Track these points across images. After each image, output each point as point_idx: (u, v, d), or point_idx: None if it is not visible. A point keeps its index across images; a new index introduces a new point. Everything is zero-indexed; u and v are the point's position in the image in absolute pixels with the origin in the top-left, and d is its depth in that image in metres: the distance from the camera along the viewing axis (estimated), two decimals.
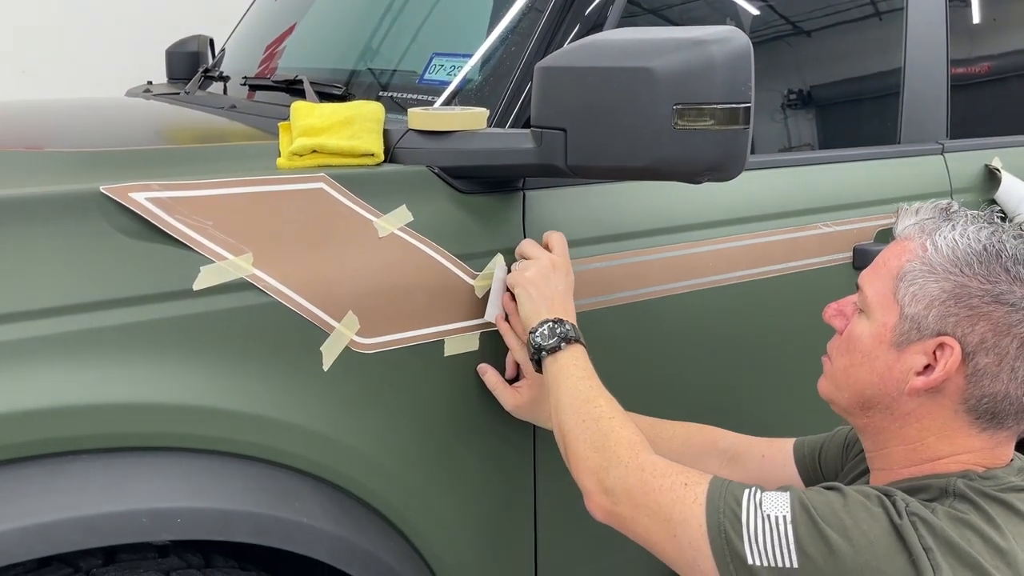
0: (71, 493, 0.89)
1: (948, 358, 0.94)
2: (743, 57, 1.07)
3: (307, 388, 1.07)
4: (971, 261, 0.94)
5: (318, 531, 1.04)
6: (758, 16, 1.60)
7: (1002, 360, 0.93)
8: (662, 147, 1.08)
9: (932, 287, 0.95)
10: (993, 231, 0.97)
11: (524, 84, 1.27)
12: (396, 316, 1.13)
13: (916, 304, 0.96)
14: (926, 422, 0.98)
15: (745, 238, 1.45)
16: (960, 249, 0.95)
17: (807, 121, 1.70)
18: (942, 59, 1.83)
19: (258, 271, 1.03)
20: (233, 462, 1.01)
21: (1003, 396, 0.94)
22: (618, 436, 1.01)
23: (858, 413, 1.03)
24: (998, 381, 0.94)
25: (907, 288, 0.97)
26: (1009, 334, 0.93)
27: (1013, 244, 0.96)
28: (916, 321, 0.96)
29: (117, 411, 0.94)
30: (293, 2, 2.01)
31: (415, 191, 1.18)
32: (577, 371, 1.10)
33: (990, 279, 0.93)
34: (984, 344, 0.93)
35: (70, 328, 0.93)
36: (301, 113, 1.27)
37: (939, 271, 0.95)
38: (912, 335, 0.96)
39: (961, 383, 0.95)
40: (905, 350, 0.97)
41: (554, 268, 1.16)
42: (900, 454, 1.00)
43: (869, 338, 1.00)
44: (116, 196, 0.98)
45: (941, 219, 1.01)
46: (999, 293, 0.93)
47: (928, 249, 0.97)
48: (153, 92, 1.97)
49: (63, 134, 1.48)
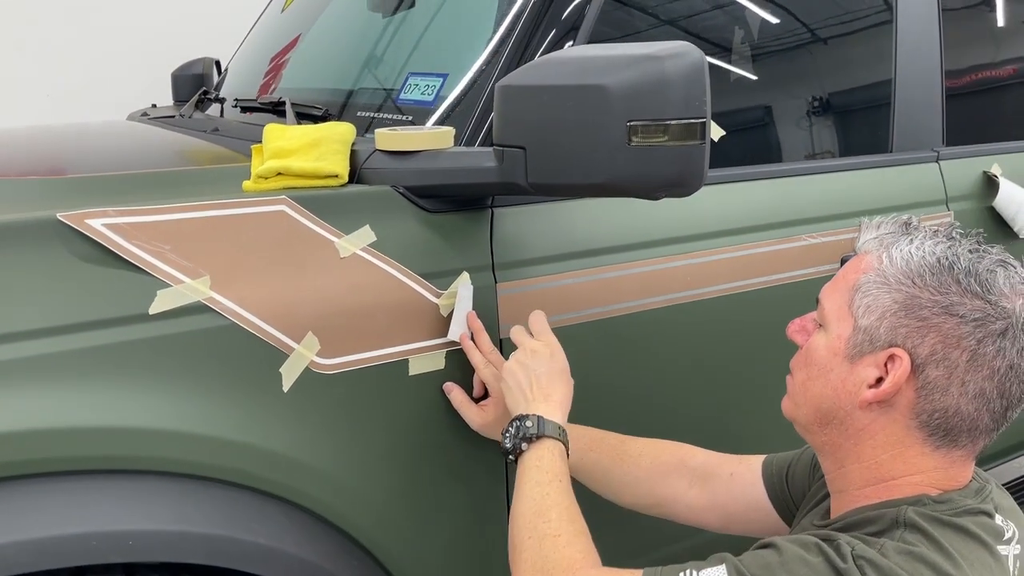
0: (24, 516, 0.91)
1: (897, 369, 0.93)
2: (697, 72, 1.06)
3: (267, 409, 1.08)
4: (923, 273, 0.93)
5: (276, 552, 1.05)
6: (745, 27, 1.59)
7: (952, 373, 0.92)
8: (617, 164, 1.07)
9: (885, 298, 0.94)
10: (949, 245, 0.96)
11: (492, 103, 1.27)
12: (358, 336, 1.14)
13: (869, 315, 0.95)
14: (880, 438, 0.96)
15: (722, 252, 1.44)
16: (914, 261, 0.95)
17: (793, 132, 1.68)
18: (936, 66, 1.80)
19: (215, 294, 1.05)
20: (191, 484, 1.03)
21: (954, 411, 0.93)
22: (559, 557, 0.98)
23: (816, 430, 1.01)
24: (948, 395, 0.92)
25: (861, 300, 0.96)
26: (959, 346, 0.91)
27: (967, 258, 0.94)
28: (869, 333, 0.95)
29: (75, 434, 0.96)
30: (290, 24, 2.04)
31: (379, 211, 1.19)
32: (537, 474, 1.06)
33: (941, 290, 0.92)
34: (934, 356, 0.92)
35: (27, 353, 0.95)
36: (272, 136, 1.29)
37: (892, 283, 0.95)
38: (865, 347, 0.95)
39: (912, 396, 0.94)
40: (858, 362, 0.96)
41: (534, 354, 1.15)
42: (856, 473, 0.98)
43: (824, 350, 0.99)
44: (72, 223, 1.00)
45: (900, 233, 1.00)
46: (949, 304, 0.92)
47: (884, 261, 0.97)
48: (150, 116, 2.00)
49: (36, 161, 1.51)
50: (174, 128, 1.77)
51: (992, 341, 0.91)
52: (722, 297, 1.44)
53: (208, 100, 1.98)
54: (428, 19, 1.57)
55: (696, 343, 1.43)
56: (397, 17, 1.63)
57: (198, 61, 2.42)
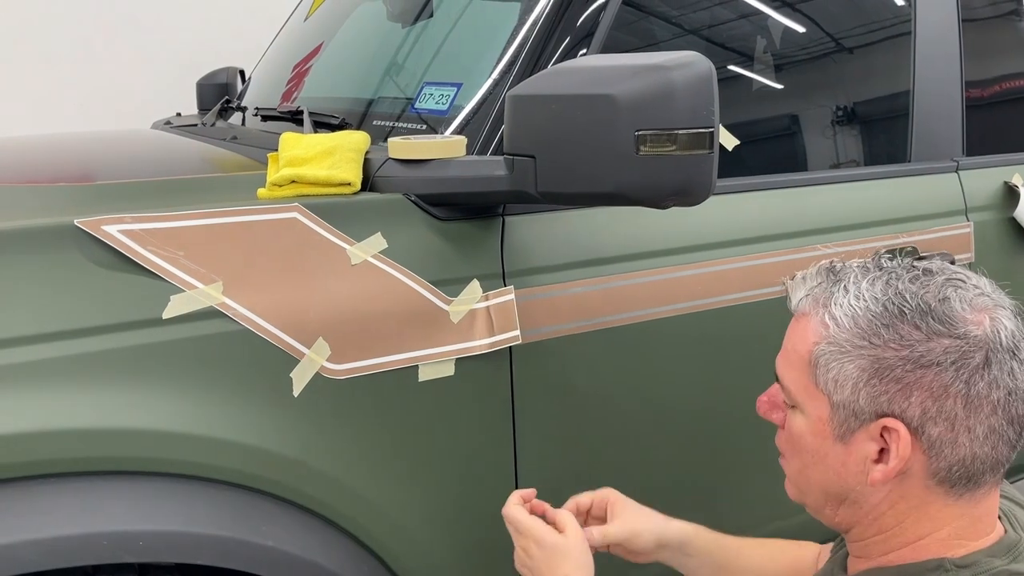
0: (36, 516, 0.93)
1: (897, 441, 0.85)
2: (705, 82, 1.06)
3: (277, 413, 1.09)
4: (877, 328, 0.85)
5: (285, 555, 1.06)
6: (759, 36, 1.59)
7: (954, 425, 0.84)
8: (626, 173, 1.08)
9: (849, 368, 0.86)
10: (887, 281, 0.87)
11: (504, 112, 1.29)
12: (369, 342, 1.15)
13: (841, 390, 0.87)
14: (900, 507, 0.89)
15: (734, 261, 1.44)
16: (860, 316, 0.86)
17: (810, 141, 1.68)
18: (955, 76, 1.79)
19: (228, 299, 1.06)
20: (202, 486, 1.04)
21: (971, 458, 0.85)
22: None
23: (830, 513, 0.94)
24: (959, 447, 0.85)
25: (825, 375, 0.87)
26: (948, 396, 0.83)
27: (912, 291, 0.85)
28: (849, 408, 0.87)
29: (87, 436, 0.98)
30: (312, 34, 2.07)
31: (391, 219, 1.20)
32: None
33: (904, 343, 0.84)
34: (928, 415, 0.84)
35: (42, 356, 0.97)
36: (288, 144, 1.31)
37: (849, 349, 0.86)
38: (852, 423, 0.87)
39: (923, 459, 0.86)
40: (851, 441, 0.88)
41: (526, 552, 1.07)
42: (878, 543, 0.92)
43: (811, 436, 0.91)
44: (89, 229, 1.02)
45: (829, 283, 0.90)
46: (919, 356, 0.83)
47: (829, 326, 0.88)
48: (173, 124, 2.04)
49: (65, 169, 1.55)
50: (195, 136, 1.80)
51: (980, 376, 0.83)
52: (733, 307, 1.44)
53: (230, 109, 2.01)
54: (445, 30, 1.59)
55: (706, 354, 1.43)
56: (416, 27, 1.65)
57: (223, 70, 2.46)
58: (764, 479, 1.51)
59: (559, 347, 1.29)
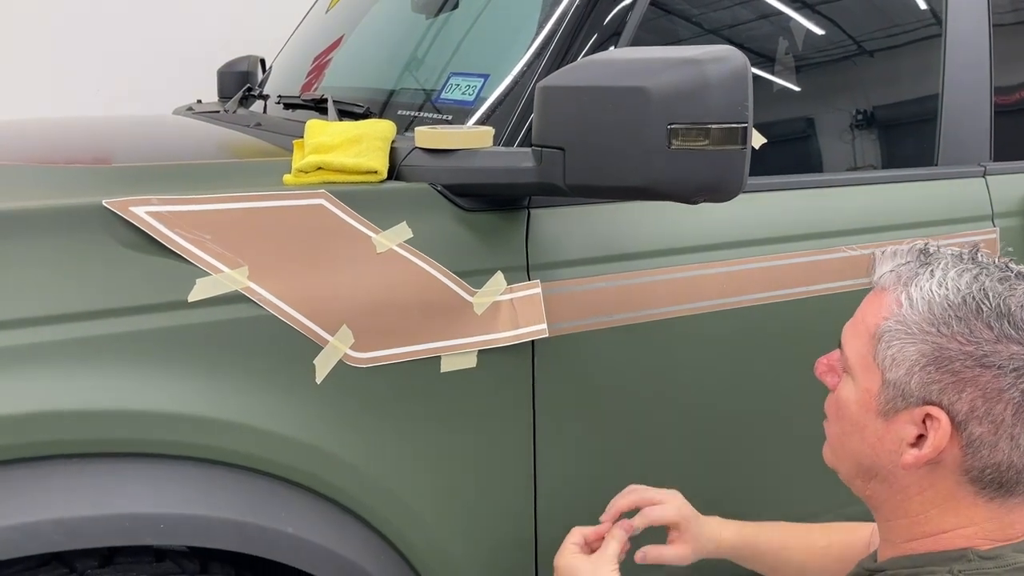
0: (59, 495, 0.93)
1: (936, 430, 0.85)
2: (740, 77, 1.05)
3: (299, 400, 1.09)
4: (948, 319, 0.85)
5: (304, 542, 1.05)
6: (778, 35, 1.58)
7: (998, 428, 0.84)
8: (657, 167, 1.07)
9: (910, 350, 0.86)
10: (975, 275, 0.86)
11: (531, 104, 1.28)
12: (392, 331, 1.14)
13: (897, 369, 0.87)
14: (928, 494, 0.90)
15: (759, 260, 1.42)
16: (937, 303, 0.85)
17: (838, 142, 1.66)
18: (985, 81, 1.77)
19: (253, 284, 1.06)
20: (222, 471, 1.04)
21: (1007, 465, 0.85)
22: None
23: (860, 484, 0.96)
24: (998, 451, 0.85)
25: (885, 351, 0.88)
26: (1000, 400, 0.83)
27: (997, 291, 0.84)
28: (899, 388, 0.87)
29: (109, 417, 0.97)
30: (334, 24, 2.07)
31: (417, 208, 1.20)
32: None
33: (971, 339, 0.84)
34: (975, 413, 0.84)
35: (68, 335, 0.97)
36: (314, 131, 1.30)
37: (916, 331, 0.86)
38: (898, 403, 0.88)
39: (958, 454, 0.86)
40: (893, 420, 0.89)
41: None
42: (903, 527, 0.93)
43: (856, 405, 0.92)
44: (117, 210, 1.02)
45: (918, 264, 0.90)
46: (983, 355, 0.83)
47: (903, 304, 0.88)
48: (195, 111, 2.04)
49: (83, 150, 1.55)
50: (218, 122, 1.79)
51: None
52: (757, 307, 1.43)
53: (252, 97, 2.01)
54: (471, 21, 1.58)
55: (729, 352, 1.41)
56: (440, 18, 1.64)
57: (244, 59, 2.46)
58: (785, 479, 1.51)
59: (582, 342, 1.28)
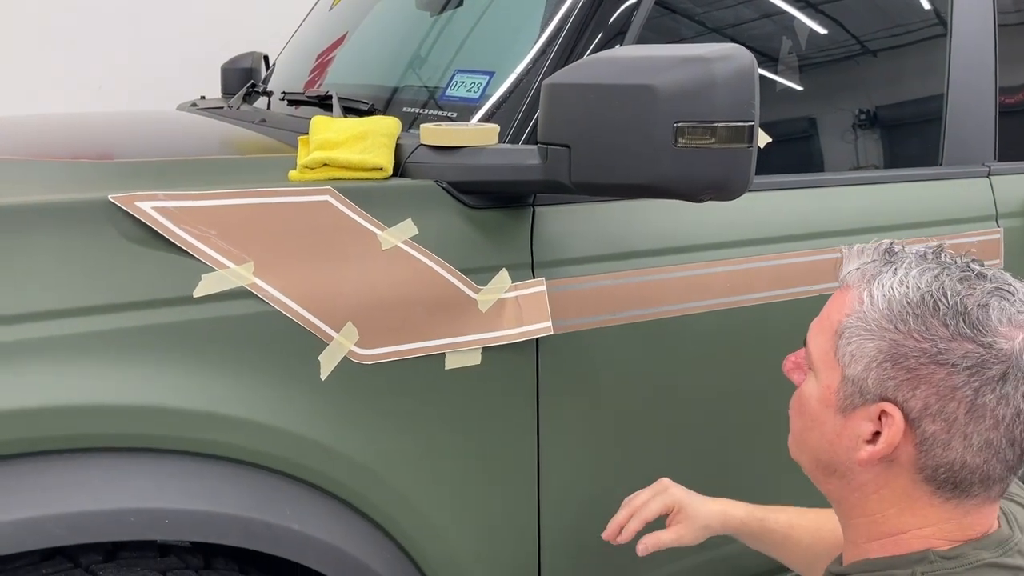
0: (64, 490, 0.92)
1: (890, 427, 0.85)
2: (746, 75, 1.05)
3: (304, 396, 1.08)
4: (906, 316, 0.84)
5: (308, 538, 1.05)
6: (784, 35, 1.58)
7: (951, 427, 0.83)
8: (663, 165, 1.07)
9: (868, 346, 0.86)
10: (936, 274, 0.85)
11: (538, 101, 1.28)
12: (397, 328, 1.14)
13: (855, 365, 0.87)
14: (884, 493, 0.89)
15: (764, 259, 1.42)
16: (896, 301, 0.85)
17: (842, 142, 1.66)
18: (990, 81, 1.77)
19: (258, 280, 1.06)
20: (227, 466, 1.04)
21: (960, 465, 0.84)
22: None
23: (820, 479, 0.96)
24: (951, 450, 0.84)
25: (846, 347, 0.88)
26: (954, 398, 0.82)
27: (956, 290, 0.84)
28: (857, 384, 0.87)
29: (113, 412, 0.97)
30: (338, 22, 2.07)
31: (422, 205, 1.19)
32: None
33: (927, 336, 0.83)
34: (929, 410, 0.83)
35: (72, 330, 0.96)
36: (319, 127, 1.30)
37: (874, 328, 0.86)
38: (856, 399, 0.87)
39: (912, 452, 0.86)
40: (851, 416, 0.88)
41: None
42: (863, 527, 0.92)
43: (816, 401, 0.92)
44: (123, 205, 1.02)
45: (882, 263, 0.90)
46: (937, 353, 0.82)
47: (864, 302, 0.87)
48: (199, 107, 2.04)
49: (87, 145, 1.55)
50: (223, 118, 1.79)
51: (991, 389, 0.82)
52: (761, 305, 1.43)
53: (256, 93, 2.01)
54: (475, 18, 1.58)
55: (735, 350, 1.41)
56: (444, 16, 1.64)
57: (247, 55, 2.46)
58: (790, 477, 1.51)
59: (586, 340, 1.28)
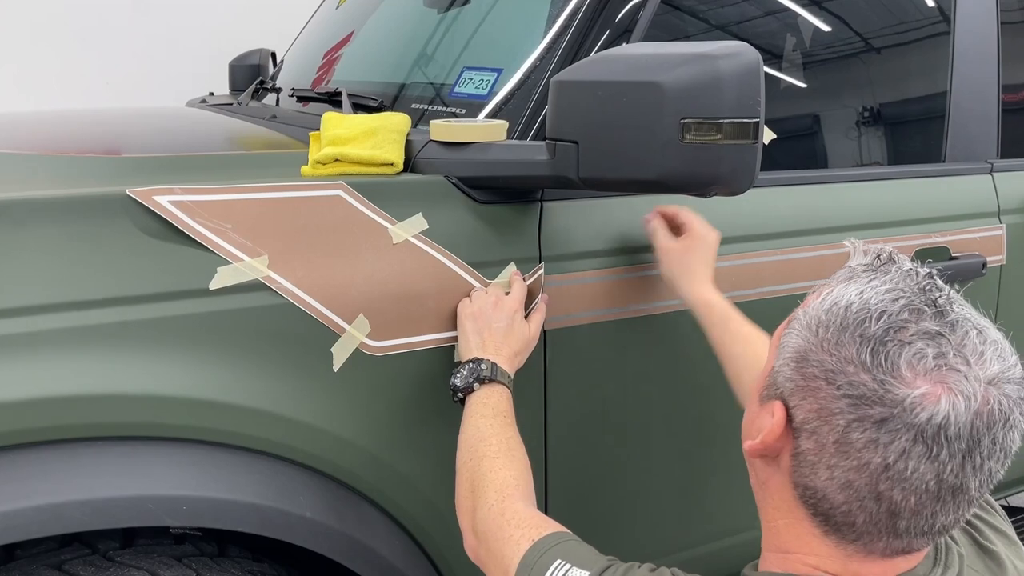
0: (84, 477, 0.95)
1: (770, 422, 0.80)
2: (752, 72, 1.07)
3: (317, 387, 1.11)
4: (831, 324, 0.77)
5: (321, 526, 1.07)
6: (790, 33, 1.59)
7: (820, 452, 0.77)
8: (670, 161, 1.09)
9: (793, 343, 0.81)
10: (895, 298, 0.76)
11: (546, 98, 1.29)
12: (408, 320, 1.16)
13: (780, 358, 0.82)
14: (776, 499, 0.84)
15: (769, 254, 1.44)
16: (837, 307, 0.78)
17: (846, 138, 1.68)
18: (992, 78, 1.79)
19: (273, 273, 1.08)
20: (242, 455, 1.06)
21: (822, 495, 0.78)
22: (493, 478, 1.02)
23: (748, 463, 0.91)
24: (816, 476, 0.78)
25: (785, 337, 0.83)
26: (828, 423, 0.76)
27: (895, 318, 0.75)
28: (774, 376, 0.83)
29: (132, 401, 0.99)
30: (346, 19, 2.08)
31: (432, 200, 1.22)
32: (484, 408, 1.11)
33: (832, 350, 0.77)
34: (807, 425, 0.78)
35: (91, 322, 0.99)
36: (330, 124, 1.32)
37: (803, 327, 0.80)
38: (771, 391, 0.83)
39: (788, 463, 0.81)
40: (764, 406, 0.84)
41: (496, 306, 1.17)
42: (766, 532, 0.87)
43: (755, 385, 0.89)
44: (141, 199, 1.04)
45: (868, 269, 0.83)
46: (830, 369, 0.76)
47: (818, 299, 0.81)
48: (209, 103, 2.06)
49: (97, 141, 1.57)
50: (233, 115, 1.81)
51: (863, 429, 0.74)
52: (766, 300, 1.45)
53: (264, 90, 2.03)
54: (483, 15, 1.60)
55: None
56: (451, 13, 1.66)
57: (255, 52, 2.48)
58: None
59: (593, 333, 1.30)
